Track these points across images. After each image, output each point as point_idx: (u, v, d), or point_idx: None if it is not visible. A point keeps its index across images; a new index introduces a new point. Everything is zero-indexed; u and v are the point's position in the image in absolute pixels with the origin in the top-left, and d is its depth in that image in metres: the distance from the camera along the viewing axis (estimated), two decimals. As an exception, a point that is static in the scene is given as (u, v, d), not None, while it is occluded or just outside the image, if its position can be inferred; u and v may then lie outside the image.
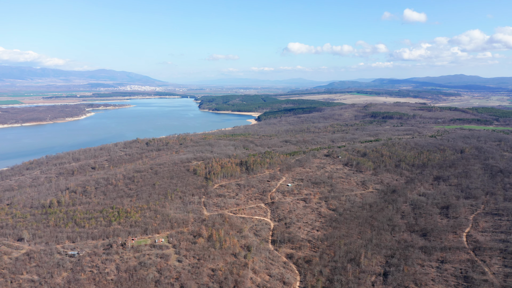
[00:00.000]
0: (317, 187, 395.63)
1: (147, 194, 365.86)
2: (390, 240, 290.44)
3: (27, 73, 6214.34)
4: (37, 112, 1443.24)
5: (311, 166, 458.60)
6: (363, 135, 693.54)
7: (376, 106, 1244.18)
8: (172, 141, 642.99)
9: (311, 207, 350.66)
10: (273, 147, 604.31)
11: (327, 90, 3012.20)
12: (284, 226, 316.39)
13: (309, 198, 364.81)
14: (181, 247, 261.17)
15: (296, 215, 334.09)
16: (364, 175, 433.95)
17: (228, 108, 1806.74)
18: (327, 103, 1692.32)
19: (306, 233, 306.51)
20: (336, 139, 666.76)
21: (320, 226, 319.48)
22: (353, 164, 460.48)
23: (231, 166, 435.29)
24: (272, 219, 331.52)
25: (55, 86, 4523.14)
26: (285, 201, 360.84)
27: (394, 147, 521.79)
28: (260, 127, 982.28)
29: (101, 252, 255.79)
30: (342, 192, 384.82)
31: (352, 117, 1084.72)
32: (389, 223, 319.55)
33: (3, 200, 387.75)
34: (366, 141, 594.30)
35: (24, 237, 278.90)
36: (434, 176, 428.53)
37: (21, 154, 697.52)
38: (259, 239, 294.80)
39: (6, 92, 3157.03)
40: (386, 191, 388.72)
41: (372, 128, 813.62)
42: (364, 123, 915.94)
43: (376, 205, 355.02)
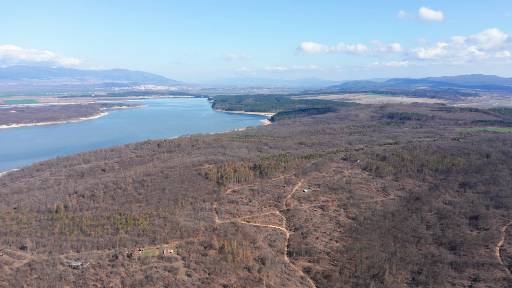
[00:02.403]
0: (334, 193, 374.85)
1: (157, 200, 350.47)
2: (416, 254, 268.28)
3: (43, 73, 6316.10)
4: (52, 111, 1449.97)
5: (328, 170, 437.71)
6: (381, 137, 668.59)
7: (393, 107, 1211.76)
8: (184, 143, 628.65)
9: (329, 216, 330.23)
10: (288, 149, 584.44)
11: (341, 90, 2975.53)
12: (300, 236, 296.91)
13: (327, 206, 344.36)
14: (190, 259, 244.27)
15: (313, 224, 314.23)
16: (385, 181, 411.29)
17: (241, 108, 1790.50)
18: (342, 103, 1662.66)
19: (324, 245, 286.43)
20: (353, 141, 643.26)
21: (339, 236, 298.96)
22: (372, 169, 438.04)
23: (244, 170, 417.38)
24: (288, 228, 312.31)
25: (70, 85, 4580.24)
26: (301, 208, 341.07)
27: (415, 151, 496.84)
28: (273, 128, 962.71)
29: (106, 263, 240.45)
30: (362, 199, 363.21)
31: (368, 118, 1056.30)
32: (414, 234, 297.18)
33: (11, 203, 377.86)
34: (385, 144, 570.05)
35: (27, 246, 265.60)
36: (459, 182, 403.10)
37: (32, 155, 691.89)
38: (274, 250, 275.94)
39: (23, 91, 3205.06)
40: (409, 199, 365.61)
41: (390, 129, 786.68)
42: (381, 124, 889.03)
43: (398, 214, 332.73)
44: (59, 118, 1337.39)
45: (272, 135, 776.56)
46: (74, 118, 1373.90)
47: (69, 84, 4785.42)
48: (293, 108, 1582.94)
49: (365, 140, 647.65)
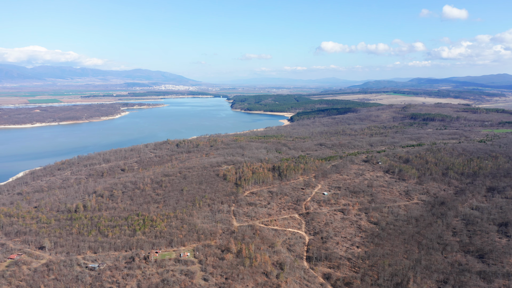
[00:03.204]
0: (355, 196, 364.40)
1: (175, 201, 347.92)
2: (442, 262, 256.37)
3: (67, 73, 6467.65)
4: (74, 111, 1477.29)
5: (348, 172, 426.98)
6: (404, 139, 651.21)
7: (416, 107, 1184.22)
8: (202, 143, 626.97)
9: (349, 220, 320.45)
10: (307, 150, 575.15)
11: (361, 90, 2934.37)
12: (320, 241, 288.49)
13: (348, 209, 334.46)
14: (207, 263, 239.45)
15: (334, 228, 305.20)
16: (408, 184, 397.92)
17: (260, 108, 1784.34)
18: (362, 103, 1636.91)
19: (345, 250, 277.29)
20: (374, 143, 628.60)
21: (361, 242, 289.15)
22: (394, 172, 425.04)
23: (263, 172, 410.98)
24: (307, 232, 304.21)
25: (93, 85, 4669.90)
26: (321, 212, 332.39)
27: (439, 153, 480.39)
28: (293, 129, 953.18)
29: (122, 265, 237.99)
30: (384, 203, 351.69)
31: (390, 118, 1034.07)
32: (439, 241, 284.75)
33: (32, 202, 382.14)
34: (408, 146, 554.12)
35: (45, 246, 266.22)
36: (487, 186, 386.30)
37: (54, 154, 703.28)
38: (293, 255, 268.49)
39: (47, 91, 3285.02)
40: (433, 203, 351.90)
41: (413, 131, 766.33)
42: (404, 125, 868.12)
43: (423, 219, 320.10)
44: (81, 117, 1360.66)
45: (291, 136, 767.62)
46: (96, 118, 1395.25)
47: (92, 84, 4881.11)
48: (313, 108, 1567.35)
49: (387, 142, 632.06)
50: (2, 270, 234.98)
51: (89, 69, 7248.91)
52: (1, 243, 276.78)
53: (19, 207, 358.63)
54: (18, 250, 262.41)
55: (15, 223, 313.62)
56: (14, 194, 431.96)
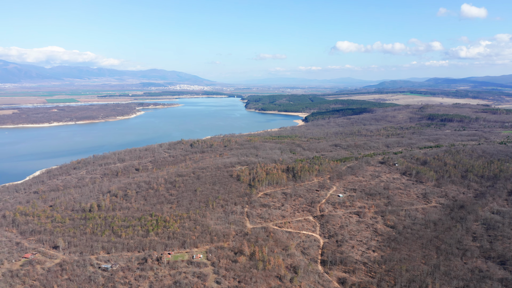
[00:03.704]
0: (371, 199, 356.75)
1: (188, 201, 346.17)
2: (462, 268, 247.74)
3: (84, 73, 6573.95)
4: (91, 110, 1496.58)
5: (364, 174, 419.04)
6: (421, 140, 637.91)
7: (433, 108, 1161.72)
8: (216, 143, 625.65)
9: (365, 223, 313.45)
10: (322, 151, 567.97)
11: (377, 90, 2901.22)
12: (335, 244, 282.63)
13: (363, 212, 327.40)
14: (220, 266, 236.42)
15: (349, 232, 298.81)
16: (425, 187, 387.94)
17: (274, 108, 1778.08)
18: (378, 103, 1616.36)
19: (360, 254, 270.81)
20: (391, 144, 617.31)
21: (377, 246, 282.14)
22: (412, 174, 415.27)
23: (277, 173, 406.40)
24: (322, 235, 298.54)
25: (109, 85, 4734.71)
26: (336, 214, 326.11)
27: (458, 155, 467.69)
28: (307, 129, 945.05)
29: (135, 267, 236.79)
30: (401, 206, 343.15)
31: (406, 119, 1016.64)
32: (459, 246, 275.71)
33: (47, 201, 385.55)
34: (426, 147, 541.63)
35: (59, 245, 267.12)
36: (508, 190, 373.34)
37: (71, 153, 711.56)
38: (307, 258, 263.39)
39: (65, 91, 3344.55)
40: (452, 207, 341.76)
41: (431, 132, 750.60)
42: (421, 126, 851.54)
43: (441, 223, 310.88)
44: (98, 117, 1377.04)
45: (306, 136, 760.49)
46: (112, 117, 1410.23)
47: (108, 84, 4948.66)
48: (327, 109, 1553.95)
49: (403, 143, 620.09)
50: (17, 269, 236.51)
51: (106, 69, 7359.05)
52: (16, 242, 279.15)
53: (35, 205, 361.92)
54: (33, 249, 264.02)
55: (31, 222, 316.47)
56: (31, 193, 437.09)
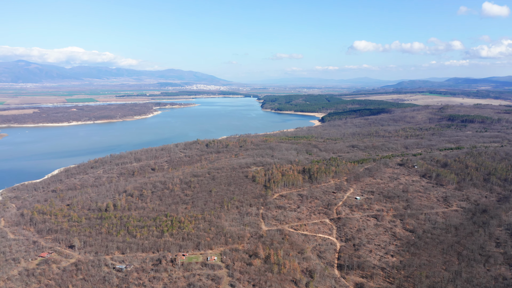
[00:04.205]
0: (390, 202, 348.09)
1: (203, 202, 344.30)
2: (484, 275, 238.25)
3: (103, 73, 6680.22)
4: (109, 110, 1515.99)
5: (382, 176, 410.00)
6: (441, 141, 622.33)
7: (453, 108, 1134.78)
8: (232, 143, 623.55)
9: (383, 226, 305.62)
10: (339, 152, 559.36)
11: (395, 90, 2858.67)
12: (352, 248, 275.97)
13: (381, 215, 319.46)
14: (234, 268, 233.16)
15: (366, 235, 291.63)
16: (446, 190, 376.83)
17: (290, 108, 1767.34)
18: (396, 104, 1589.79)
19: (378, 259, 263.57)
20: (409, 145, 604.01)
21: (395, 250, 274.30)
22: (432, 176, 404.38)
23: (293, 174, 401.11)
24: (338, 238, 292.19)
25: (127, 85, 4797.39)
26: (353, 217, 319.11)
27: (480, 157, 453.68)
28: (324, 129, 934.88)
29: (149, 268, 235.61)
30: (420, 210, 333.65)
31: (426, 120, 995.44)
32: (482, 252, 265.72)
33: (65, 200, 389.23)
34: (446, 149, 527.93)
35: (75, 245, 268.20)
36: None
37: (88, 152, 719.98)
38: (323, 262, 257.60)
39: (84, 91, 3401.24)
40: (474, 211, 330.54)
41: (451, 133, 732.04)
42: (441, 127, 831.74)
43: (463, 227, 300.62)
44: (115, 116, 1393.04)
45: (322, 137, 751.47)
46: (129, 117, 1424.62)
47: (126, 84, 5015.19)
48: (344, 109, 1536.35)
49: (423, 144, 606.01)
50: (33, 268, 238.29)
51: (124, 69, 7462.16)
52: (33, 241, 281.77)
53: (52, 204, 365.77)
54: (49, 248, 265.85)
55: (48, 220, 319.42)
56: (49, 191, 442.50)
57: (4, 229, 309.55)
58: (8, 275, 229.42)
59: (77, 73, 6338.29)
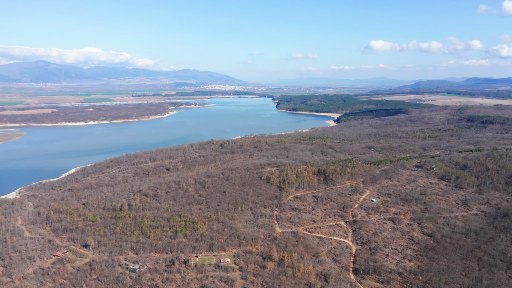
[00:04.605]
0: (407, 204, 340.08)
1: (217, 203, 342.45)
2: (507, 283, 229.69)
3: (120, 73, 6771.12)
4: (125, 110, 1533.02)
5: (399, 178, 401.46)
6: (460, 143, 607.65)
7: (473, 109, 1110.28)
8: (246, 144, 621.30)
9: (401, 230, 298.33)
10: (355, 153, 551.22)
11: (413, 90, 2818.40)
12: (368, 252, 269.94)
13: (399, 218, 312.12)
14: (248, 271, 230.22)
15: (383, 239, 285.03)
16: (466, 193, 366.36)
17: (305, 108, 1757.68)
18: (413, 104, 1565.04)
19: (395, 263, 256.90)
20: (428, 147, 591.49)
21: (413, 255, 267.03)
22: (451, 179, 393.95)
23: (308, 175, 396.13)
24: (354, 241, 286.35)
25: (144, 85, 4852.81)
26: (369, 220, 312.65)
27: (501, 160, 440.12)
28: (339, 130, 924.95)
29: (162, 269, 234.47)
30: (439, 213, 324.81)
31: (444, 120, 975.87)
32: (503, 258, 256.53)
33: (80, 199, 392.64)
34: (465, 151, 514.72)
35: (89, 244, 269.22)
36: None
37: (105, 151, 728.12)
38: (339, 266, 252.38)
39: (101, 90, 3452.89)
40: (495, 215, 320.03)
41: (471, 134, 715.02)
42: (460, 128, 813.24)
43: (483, 232, 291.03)
44: (132, 116, 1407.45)
45: (338, 138, 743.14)
46: (145, 117, 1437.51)
47: (143, 84, 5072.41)
48: (360, 109, 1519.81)
49: (441, 146, 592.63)
50: (48, 267, 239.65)
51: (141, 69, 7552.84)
52: (49, 239, 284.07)
53: (68, 203, 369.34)
54: (64, 248, 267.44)
55: (63, 219, 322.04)
56: (65, 190, 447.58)
57: (21, 228, 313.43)
58: (23, 273, 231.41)
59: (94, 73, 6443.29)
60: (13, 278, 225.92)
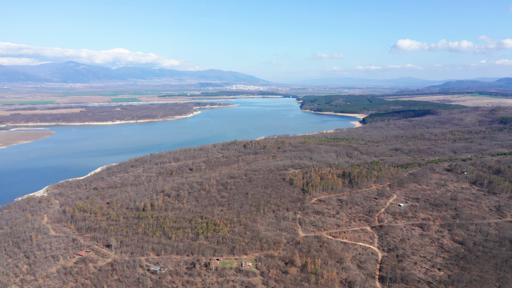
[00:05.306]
0: (437, 210, 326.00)
1: (239, 204, 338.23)
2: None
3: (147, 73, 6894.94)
4: (151, 109, 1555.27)
5: (428, 182, 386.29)
6: (493, 146, 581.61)
7: (506, 110, 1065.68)
8: (269, 145, 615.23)
9: (430, 237, 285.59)
10: (381, 156, 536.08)
11: (442, 91, 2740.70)
12: (395, 259, 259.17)
13: (428, 225, 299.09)
14: (270, 276, 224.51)
15: (411, 246, 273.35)
16: (499, 199, 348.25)
17: (330, 108, 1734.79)
18: (442, 105, 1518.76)
19: (424, 272, 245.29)
20: (458, 150, 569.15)
21: (443, 263, 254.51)
22: (483, 183, 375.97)
23: (332, 178, 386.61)
24: (380, 248, 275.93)
25: (169, 85, 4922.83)
26: (396, 225, 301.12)
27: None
28: (365, 131, 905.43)
29: (183, 271, 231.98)
30: (471, 220, 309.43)
31: (475, 122, 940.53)
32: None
33: (105, 198, 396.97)
34: (499, 154, 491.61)
35: (112, 244, 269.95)
36: None
37: (130, 150, 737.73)
38: (364, 273, 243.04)
39: (128, 91, 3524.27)
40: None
41: (504, 137, 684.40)
42: (492, 130, 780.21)
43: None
44: (157, 116, 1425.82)
45: (363, 139, 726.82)
46: (170, 116, 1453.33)
47: (168, 84, 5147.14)
48: (387, 110, 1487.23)
49: (473, 149, 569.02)
50: (71, 266, 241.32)
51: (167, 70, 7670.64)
52: (73, 238, 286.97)
53: (93, 202, 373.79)
54: (87, 247, 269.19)
55: (87, 218, 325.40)
56: (91, 189, 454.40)
57: (47, 226, 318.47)
58: (47, 272, 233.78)
59: (122, 73, 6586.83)
60: (36, 277, 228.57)
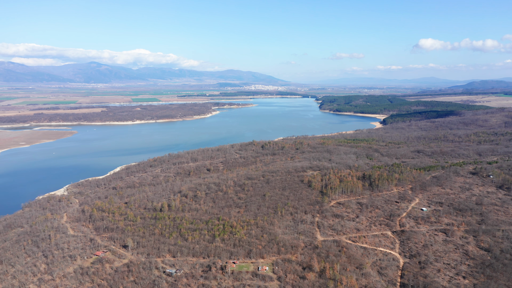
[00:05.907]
0: (461, 215, 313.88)
1: (256, 206, 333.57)
2: None
3: (167, 74, 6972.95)
4: (170, 109, 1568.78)
5: (452, 186, 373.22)
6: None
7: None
8: (288, 146, 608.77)
9: (454, 243, 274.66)
10: (403, 158, 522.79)
11: (465, 91, 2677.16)
12: (417, 266, 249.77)
13: (452, 230, 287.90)
14: (287, 281, 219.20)
15: (434, 252, 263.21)
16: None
17: (350, 109, 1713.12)
18: (466, 105, 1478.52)
19: (448, 280, 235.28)
20: (483, 152, 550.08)
21: (468, 271, 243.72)
22: (510, 188, 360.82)
23: (352, 180, 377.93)
24: (402, 253, 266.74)
25: (189, 85, 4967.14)
26: (418, 231, 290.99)
27: None
28: (385, 132, 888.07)
29: (199, 274, 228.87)
30: (497, 225, 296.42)
31: (501, 123, 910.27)
32: None
33: (123, 198, 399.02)
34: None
35: (128, 245, 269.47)
36: None
37: (149, 150, 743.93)
38: (385, 280, 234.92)
39: (148, 91, 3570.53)
40: None
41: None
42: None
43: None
44: (176, 116, 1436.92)
45: (384, 140, 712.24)
46: (189, 116, 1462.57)
47: (188, 84, 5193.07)
48: (408, 110, 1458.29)
49: (499, 151, 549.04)
50: (87, 266, 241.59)
51: (186, 70, 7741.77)
52: (91, 238, 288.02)
53: (111, 202, 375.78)
54: (104, 247, 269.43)
55: (105, 218, 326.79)
56: (110, 188, 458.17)
57: (66, 225, 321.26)
58: (64, 272, 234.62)
59: (143, 74, 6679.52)
60: (54, 276, 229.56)
